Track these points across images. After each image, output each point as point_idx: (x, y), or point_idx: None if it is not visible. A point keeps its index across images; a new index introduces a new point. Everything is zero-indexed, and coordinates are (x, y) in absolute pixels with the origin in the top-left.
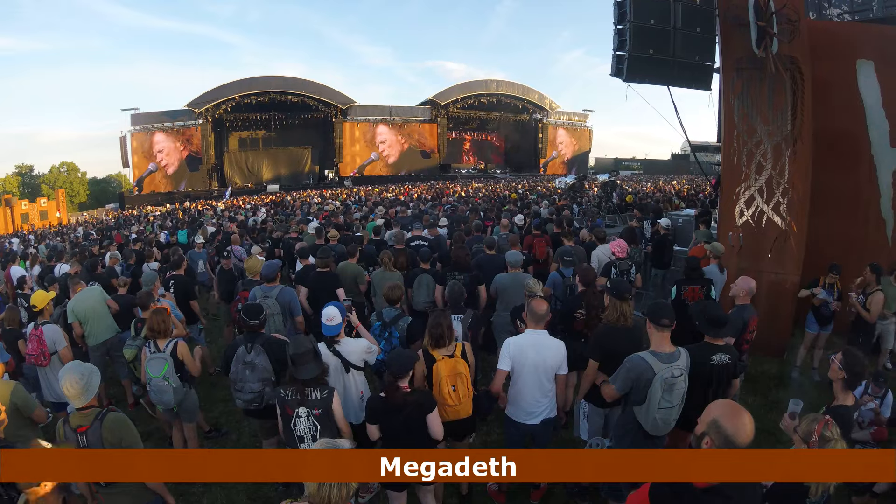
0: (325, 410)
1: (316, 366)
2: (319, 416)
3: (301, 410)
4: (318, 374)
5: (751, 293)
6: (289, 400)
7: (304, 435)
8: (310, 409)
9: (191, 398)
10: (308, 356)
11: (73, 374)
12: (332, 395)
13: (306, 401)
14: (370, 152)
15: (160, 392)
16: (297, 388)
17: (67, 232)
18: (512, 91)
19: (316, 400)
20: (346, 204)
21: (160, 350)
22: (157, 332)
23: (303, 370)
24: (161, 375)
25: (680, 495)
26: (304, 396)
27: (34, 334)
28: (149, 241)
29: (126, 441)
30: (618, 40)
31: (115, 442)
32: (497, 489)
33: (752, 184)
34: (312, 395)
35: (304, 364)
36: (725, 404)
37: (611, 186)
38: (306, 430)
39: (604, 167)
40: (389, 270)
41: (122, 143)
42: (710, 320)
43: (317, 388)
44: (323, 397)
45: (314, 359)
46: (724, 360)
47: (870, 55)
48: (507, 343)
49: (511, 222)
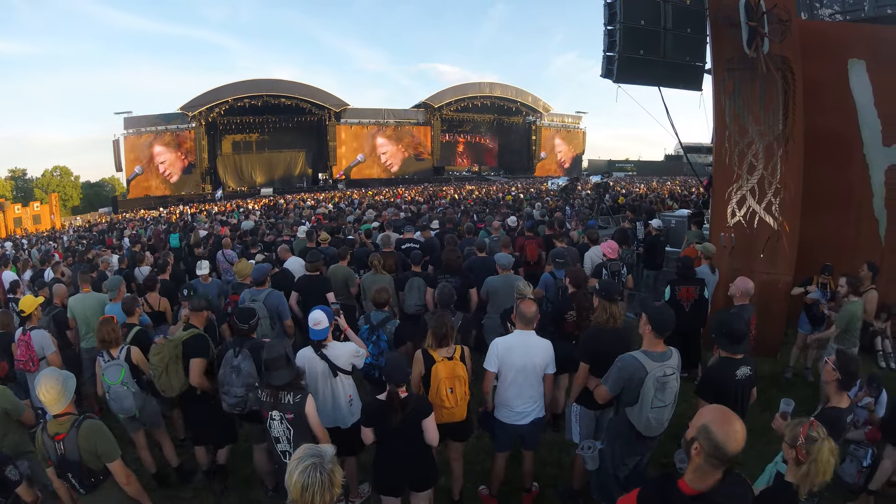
0: (297, 415)
1: (288, 372)
2: (292, 420)
3: (275, 413)
4: (289, 380)
5: (747, 294)
6: (264, 402)
7: (280, 437)
8: (283, 413)
9: (151, 404)
10: (280, 362)
11: (49, 380)
12: (306, 399)
13: (279, 404)
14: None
15: (120, 399)
16: (270, 392)
17: (60, 236)
18: (505, 93)
19: (288, 404)
20: (339, 207)
21: (114, 358)
22: (107, 341)
23: (275, 376)
24: (119, 381)
25: (669, 502)
26: (278, 400)
27: (23, 339)
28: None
29: (102, 448)
30: (608, 41)
31: (91, 449)
32: (488, 493)
33: (743, 184)
34: (285, 399)
35: (276, 369)
36: (717, 410)
37: (603, 188)
38: (281, 433)
39: (597, 169)
40: (379, 273)
41: (115, 147)
42: (730, 335)
43: (290, 392)
44: (296, 402)
45: (286, 364)
46: (747, 372)
47: (862, 55)
48: (494, 344)
49: (503, 224)
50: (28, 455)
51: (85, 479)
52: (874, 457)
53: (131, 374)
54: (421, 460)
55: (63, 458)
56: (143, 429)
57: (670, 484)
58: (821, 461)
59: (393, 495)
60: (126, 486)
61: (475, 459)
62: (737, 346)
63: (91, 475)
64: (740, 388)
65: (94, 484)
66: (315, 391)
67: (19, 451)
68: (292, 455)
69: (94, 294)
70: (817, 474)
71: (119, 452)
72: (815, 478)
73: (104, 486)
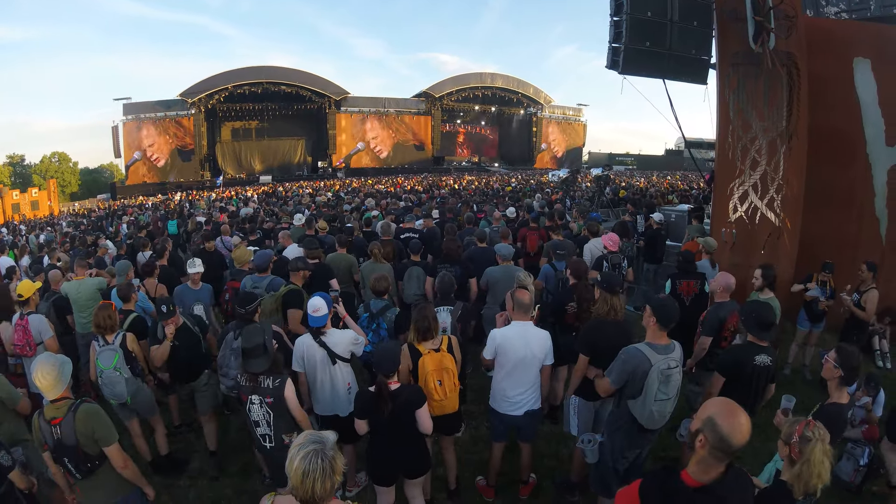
0: (277, 399)
1: (265, 360)
2: (272, 403)
3: (254, 397)
4: (266, 368)
5: (729, 289)
6: (243, 386)
7: (259, 420)
8: (262, 397)
9: (143, 392)
10: (258, 350)
11: (45, 365)
12: (285, 383)
13: (258, 388)
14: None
15: (112, 384)
16: (250, 376)
17: (59, 222)
18: (507, 84)
19: (267, 388)
20: (338, 195)
21: (109, 343)
22: (103, 327)
23: (252, 363)
24: (112, 366)
25: (671, 494)
26: (257, 384)
27: (20, 324)
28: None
29: (99, 433)
30: (614, 32)
31: (88, 433)
32: (485, 484)
33: (746, 179)
34: (265, 384)
35: (254, 357)
36: (723, 402)
37: (604, 181)
38: (260, 416)
39: (598, 162)
40: (379, 262)
41: (114, 133)
42: (759, 322)
43: (269, 377)
44: (275, 386)
45: (264, 353)
46: (766, 361)
47: (867, 53)
48: (493, 334)
49: (503, 215)
50: (24, 443)
51: (81, 463)
52: (871, 456)
53: (125, 360)
54: (414, 450)
55: (59, 442)
56: (136, 418)
57: (672, 476)
58: (813, 462)
59: (386, 485)
60: (123, 471)
61: (473, 450)
62: (764, 333)
63: (87, 460)
64: (756, 374)
65: (91, 469)
66: (313, 378)
67: (15, 440)
68: (293, 442)
69: (89, 280)
70: (810, 476)
71: (116, 436)
72: (807, 479)
73: (101, 471)
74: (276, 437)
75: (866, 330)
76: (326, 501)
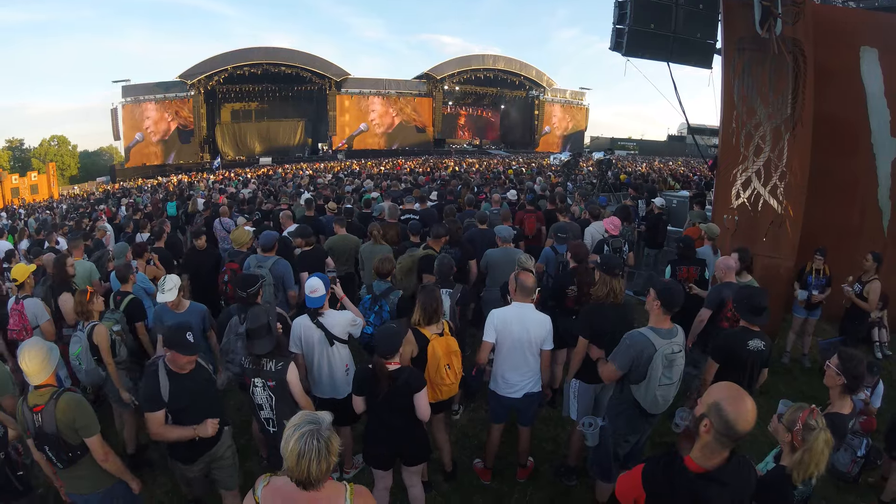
0: (279, 382)
1: (269, 341)
2: (274, 387)
3: (257, 381)
4: (270, 349)
5: (730, 270)
6: (247, 369)
7: (262, 403)
8: (265, 380)
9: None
10: (263, 331)
11: (32, 349)
12: (287, 367)
13: (261, 371)
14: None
15: (79, 370)
16: (253, 359)
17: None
18: (509, 67)
19: (270, 371)
20: (338, 177)
21: (82, 330)
22: (77, 312)
23: (257, 345)
24: (76, 355)
25: (673, 479)
26: (260, 367)
27: (15, 308)
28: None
29: (80, 422)
30: (618, 13)
31: (69, 423)
32: (483, 466)
33: (749, 166)
34: (267, 367)
35: (258, 339)
36: (729, 387)
37: (606, 165)
38: (263, 399)
39: (600, 146)
40: (378, 244)
41: (113, 116)
42: (751, 307)
43: (272, 360)
44: (277, 369)
45: (268, 334)
46: (760, 346)
47: (874, 43)
48: (491, 315)
49: (502, 198)
50: None
51: (62, 453)
52: (868, 447)
53: (90, 351)
54: (410, 434)
55: (40, 430)
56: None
57: (676, 461)
58: (815, 451)
59: (382, 468)
60: (103, 463)
61: (471, 432)
62: (756, 318)
63: (69, 449)
64: (750, 359)
65: (72, 459)
66: (311, 360)
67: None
68: (288, 423)
69: (83, 262)
70: (810, 463)
71: (98, 428)
72: (807, 466)
73: (82, 461)
74: (279, 421)
75: (866, 320)
76: (322, 482)
